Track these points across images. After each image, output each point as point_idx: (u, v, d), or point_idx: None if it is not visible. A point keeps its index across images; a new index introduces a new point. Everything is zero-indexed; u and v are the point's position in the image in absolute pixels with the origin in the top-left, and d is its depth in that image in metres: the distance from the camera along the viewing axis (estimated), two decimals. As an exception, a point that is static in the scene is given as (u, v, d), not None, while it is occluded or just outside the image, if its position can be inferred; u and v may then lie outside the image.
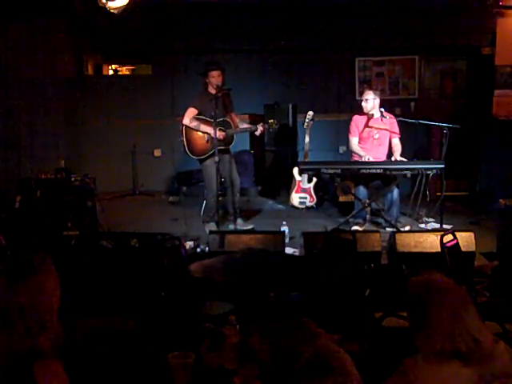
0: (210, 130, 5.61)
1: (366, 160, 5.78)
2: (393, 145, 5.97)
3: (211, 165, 5.58)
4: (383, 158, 5.93)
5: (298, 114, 7.73)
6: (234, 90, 5.88)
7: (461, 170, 7.54)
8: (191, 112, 5.74)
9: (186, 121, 5.73)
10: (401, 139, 5.98)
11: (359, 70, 8.39)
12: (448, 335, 1.79)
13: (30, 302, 1.75)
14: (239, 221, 5.91)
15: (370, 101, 5.90)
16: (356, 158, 6.00)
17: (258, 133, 5.86)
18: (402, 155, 5.89)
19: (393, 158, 5.85)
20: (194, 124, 5.72)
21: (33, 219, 5.12)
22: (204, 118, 5.71)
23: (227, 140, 5.72)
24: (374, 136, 5.97)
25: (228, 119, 5.75)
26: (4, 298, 1.76)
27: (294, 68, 8.35)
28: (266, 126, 5.79)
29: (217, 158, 5.44)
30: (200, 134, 5.72)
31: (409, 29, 7.85)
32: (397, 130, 5.96)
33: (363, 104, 5.97)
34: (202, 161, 5.76)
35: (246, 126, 6.12)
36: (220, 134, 5.59)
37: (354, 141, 6.05)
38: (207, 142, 5.69)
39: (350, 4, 7.56)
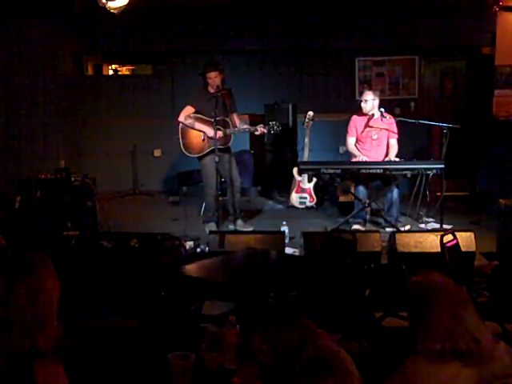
0: (205, 128, 5.61)
1: (361, 160, 5.79)
2: (390, 145, 5.95)
3: (210, 163, 5.57)
4: (382, 158, 5.92)
5: (298, 113, 7.72)
6: (234, 89, 5.86)
7: (461, 170, 7.53)
8: (187, 110, 5.73)
9: (181, 118, 5.73)
10: (398, 140, 5.96)
11: (359, 70, 8.39)
12: (448, 335, 1.79)
13: (30, 301, 1.75)
14: (239, 222, 5.89)
15: (370, 101, 5.89)
16: (356, 158, 6.00)
17: (258, 132, 5.83)
18: (401, 155, 5.86)
19: (387, 159, 5.84)
20: (188, 121, 5.71)
21: (33, 219, 5.12)
22: (201, 116, 5.70)
23: (225, 139, 5.68)
24: (373, 137, 5.96)
25: (226, 119, 5.68)
26: (4, 297, 1.76)
27: (294, 68, 8.35)
28: (267, 128, 5.70)
29: (217, 158, 5.44)
30: (196, 132, 5.71)
31: (409, 29, 7.85)
32: (395, 130, 5.95)
33: (362, 104, 5.95)
34: (200, 159, 5.74)
35: (245, 126, 6.05)
36: (217, 134, 5.56)
37: (350, 141, 6.05)
38: (203, 140, 5.68)
39: (350, 4, 7.56)
